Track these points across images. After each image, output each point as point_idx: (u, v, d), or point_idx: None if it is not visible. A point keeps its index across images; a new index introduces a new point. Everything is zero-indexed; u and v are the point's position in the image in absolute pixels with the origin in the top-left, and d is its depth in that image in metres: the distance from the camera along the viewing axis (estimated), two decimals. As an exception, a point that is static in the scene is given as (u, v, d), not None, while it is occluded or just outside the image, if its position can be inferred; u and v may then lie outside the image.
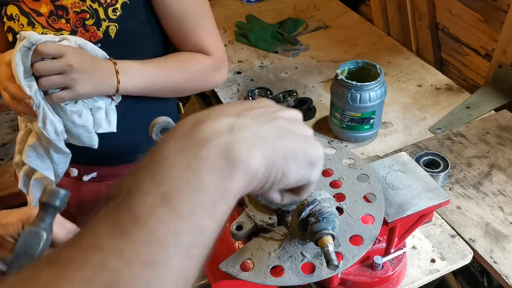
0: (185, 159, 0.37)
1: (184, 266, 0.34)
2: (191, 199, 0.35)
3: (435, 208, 0.70)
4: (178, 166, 0.37)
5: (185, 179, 0.36)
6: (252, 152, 0.40)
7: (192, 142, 0.39)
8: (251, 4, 1.90)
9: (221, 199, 0.37)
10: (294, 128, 0.46)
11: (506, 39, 1.22)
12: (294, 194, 0.52)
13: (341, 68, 1.13)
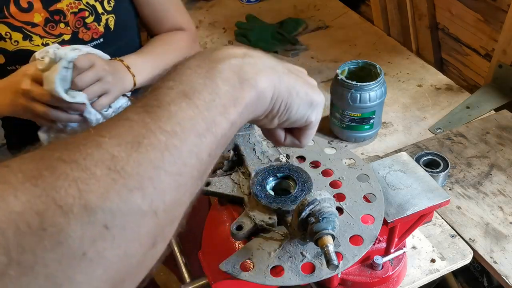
0: (204, 70, 0.43)
1: (197, 144, 0.39)
2: (206, 98, 0.41)
3: (435, 208, 0.70)
4: (198, 74, 0.43)
5: (202, 83, 0.42)
6: (260, 76, 0.45)
7: (210, 59, 0.45)
8: (251, 4, 1.90)
9: (232, 104, 0.42)
10: (301, 74, 0.53)
11: (506, 39, 1.22)
12: (296, 138, 0.57)
13: (341, 68, 1.13)
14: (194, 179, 0.39)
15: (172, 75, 0.43)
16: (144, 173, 0.35)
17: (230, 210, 0.73)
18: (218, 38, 1.68)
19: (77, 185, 0.31)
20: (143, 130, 0.36)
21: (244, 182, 0.71)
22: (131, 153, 0.35)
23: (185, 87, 0.41)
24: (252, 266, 0.60)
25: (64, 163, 0.32)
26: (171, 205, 0.37)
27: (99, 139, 0.35)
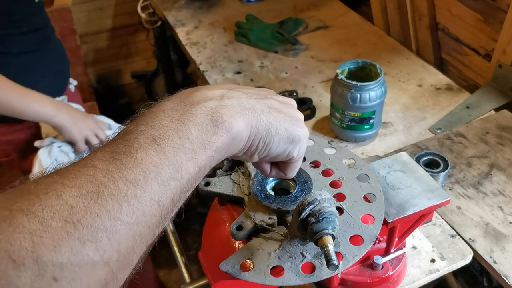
0: (177, 114, 0.44)
1: (160, 192, 0.40)
2: (176, 143, 0.42)
3: (435, 208, 0.70)
4: (171, 118, 0.43)
5: (174, 128, 0.43)
6: (236, 118, 0.46)
7: (186, 102, 0.46)
8: (251, 4, 1.90)
9: (202, 149, 0.43)
10: (283, 108, 0.52)
11: (506, 39, 1.22)
12: (281, 170, 0.59)
13: (341, 68, 1.13)
14: (153, 226, 0.40)
15: (146, 118, 0.44)
16: (100, 225, 0.36)
17: (230, 210, 0.73)
18: (218, 38, 1.68)
19: (31, 238, 0.33)
20: (106, 179, 0.38)
21: (244, 182, 0.71)
22: (89, 204, 0.36)
23: (155, 132, 0.42)
24: (252, 266, 0.60)
25: (22, 214, 0.34)
26: (125, 254, 0.38)
27: (60, 189, 0.36)
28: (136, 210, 0.38)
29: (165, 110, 0.44)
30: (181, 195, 0.42)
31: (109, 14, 2.35)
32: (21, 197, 0.35)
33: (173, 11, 1.90)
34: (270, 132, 0.49)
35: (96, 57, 2.45)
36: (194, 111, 0.44)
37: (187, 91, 0.49)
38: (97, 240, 0.35)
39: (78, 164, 0.39)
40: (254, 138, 0.48)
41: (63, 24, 1.97)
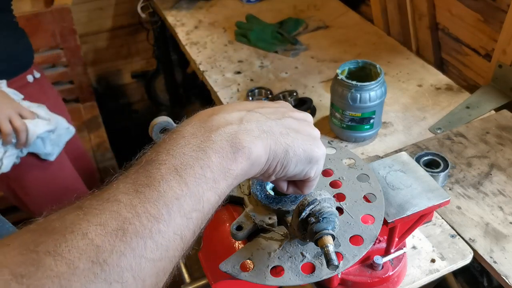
0: (198, 141, 0.44)
1: (182, 225, 0.40)
2: (197, 173, 0.42)
3: (435, 208, 0.70)
4: (191, 145, 0.43)
5: (195, 156, 0.43)
6: (256, 143, 0.46)
7: (205, 128, 0.45)
8: (251, 4, 1.90)
9: (223, 177, 0.43)
10: (301, 127, 0.52)
11: (506, 39, 1.22)
12: (298, 188, 0.59)
13: (341, 68, 1.13)
14: (175, 260, 0.41)
15: (166, 145, 0.44)
16: (125, 264, 0.36)
17: (230, 210, 0.73)
18: (218, 38, 1.68)
19: (60, 282, 0.33)
20: (130, 214, 0.38)
21: (244, 182, 0.71)
22: (115, 242, 0.36)
23: (176, 161, 0.42)
24: (252, 266, 0.59)
25: (49, 256, 0.34)
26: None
27: (85, 227, 0.36)
28: (160, 247, 0.38)
29: (185, 136, 0.44)
30: (202, 225, 0.43)
31: (109, 14, 2.35)
32: (46, 236, 0.35)
33: (173, 11, 1.90)
34: (288, 154, 0.49)
35: (96, 57, 2.44)
36: (214, 137, 0.44)
37: (205, 113, 0.48)
38: (123, 280, 0.35)
39: (102, 198, 0.39)
40: (272, 161, 0.48)
41: (63, 24, 1.97)
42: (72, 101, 2.21)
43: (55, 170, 1.43)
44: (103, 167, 1.98)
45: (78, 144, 1.69)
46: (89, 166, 1.81)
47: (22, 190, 1.39)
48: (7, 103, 1.21)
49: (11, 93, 1.27)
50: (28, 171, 1.34)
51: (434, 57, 1.52)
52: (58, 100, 1.62)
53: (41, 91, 1.49)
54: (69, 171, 1.52)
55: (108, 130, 2.14)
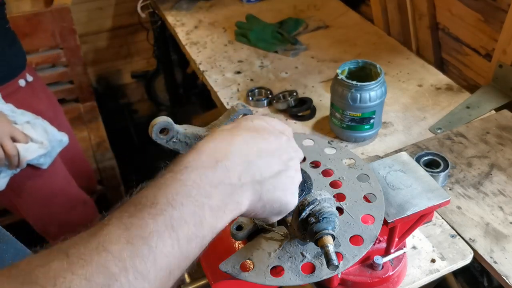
0: (198, 193, 0.45)
1: (165, 279, 0.41)
2: (191, 231, 0.43)
3: (435, 208, 0.70)
4: (191, 198, 0.44)
5: (192, 211, 0.44)
6: (246, 202, 0.49)
7: (207, 180, 0.46)
8: (251, 4, 1.90)
9: (211, 233, 0.46)
10: (286, 185, 0.54)
11: (506, 39, 1.22)
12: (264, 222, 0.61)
13: (341, 68, 1.13)
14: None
15: (168, 189, 0.44)
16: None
17: (230, 210, 0.73)
18: (218, 38, 1.68)
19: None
20: (117, 269, 0.37)
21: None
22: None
23: (175, 214, 0.42)
24: (252, 266, 0.59)
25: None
26: None
27: (69, 279, 0.35)
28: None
29: (187, 185, 0.45)
30: (180, 275, 0.44)
31: (109, 14, 2.35)
32: (26, 284, 0.35)
33: (173, 11, 1.90)
34: (265, 209, 0.53)
35: (96, 57, 2.44)
36: (215, 193, 0.46)
37: (210, 155, 0.49)
38: None
39: (90, 246, 0.38)
40: (250, 212, 0.52)
41: (63, 24, 1.97)
42: (72, 101, 2.21)
43: (48, 176, 1.42)
44: (103, 167, 1.98)
45: (75, 145, 1.69)
46: (86, 167, 1.81)
47: (14, 193, 1.39)
48: (0, 125, 1.19)
49: (6, 110, 1.25)
50: (20, 177, 1.34)
51: (434, 57, 1.52)
52: (53, 101, 1.60)
53: (34, 94, 1.48)
54: (62, 175, 1.51)
55: (108, 130, 2.14)
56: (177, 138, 0.63)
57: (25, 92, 1.43)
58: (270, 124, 0.56)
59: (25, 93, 1.43)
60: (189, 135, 0.64)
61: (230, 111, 0.66)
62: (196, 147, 0.50)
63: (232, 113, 0.65)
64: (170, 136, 0.62)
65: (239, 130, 0.53)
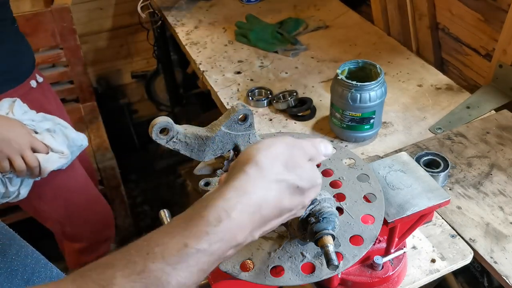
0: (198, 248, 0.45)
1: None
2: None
3: (435, 208, 0.70)
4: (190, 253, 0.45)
5: (196, 272, 0.45)
6: (241, 239, 0.48)
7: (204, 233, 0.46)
8: (251, 4, 1.90)
9: (203, 276, 0.47)
10: (276, 219, 0.52)
11: (506, 39, 1.22)
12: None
13: (341, 68, 1.13)
14: None
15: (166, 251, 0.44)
16: None
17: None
18: (218, 38, 1.68)
19: None
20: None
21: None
22: None
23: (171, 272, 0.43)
24: (252, 266, 0.59)
25: None
26: None
27: None
28: None
29: (185, 243, 0.45)
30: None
31: (109, 14, 2.35)
32: None
33: (173, 11, 1.90)
34: (254, 237, 0.52)
35: (96, 57, 2.44)
36: (212, 246, 0.46)
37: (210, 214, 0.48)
38: None
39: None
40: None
41: (63, 24, 1.97)
42: (72, 101, 2.21)
43: (67, 176, 1.41)
44: (103, 167, 1.97)
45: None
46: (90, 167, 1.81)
47: (35, 196, 1.38)
48: (20, 136, 1.16)
49: (26, 120, 1.22)
50: (40, 180, 1.33)
51: (434, 57, 1.52)
52: (58, 101, 1.60)
53: (44, 95, 1.47)
54: (80, 174, 1.50)
55: (108, 130, 2.14)
56: (177, 138, 0.63)
57: (36, 93, 1.42)
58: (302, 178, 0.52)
59: (37, 94, 1.42)
60: (189, 135, 0.64)
61: (230, 111, 0.66)
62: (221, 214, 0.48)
63: (232, 113, 0.65)
64: (170, 136, 0.62)
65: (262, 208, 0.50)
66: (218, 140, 0.66)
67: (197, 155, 0.66)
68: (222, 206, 0.46)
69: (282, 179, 0.50)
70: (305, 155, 0.53)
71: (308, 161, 0.54)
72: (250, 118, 0.67)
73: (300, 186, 0.51)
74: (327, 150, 0.57)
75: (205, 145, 0.66)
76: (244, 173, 0.49)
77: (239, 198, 0.47)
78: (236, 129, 0.67)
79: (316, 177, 0.54)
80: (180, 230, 0.45)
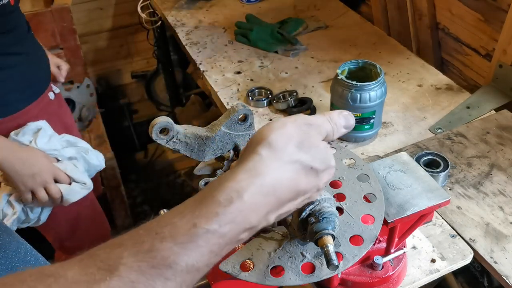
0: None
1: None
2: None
3: (435, 208, 0.70)
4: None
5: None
6: (255, 222, 0.47)
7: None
8: (251, 4, 1.90)
9: (214, 259, 0.45)
10: (291, 202, 0.50)
11: (506, 39, 1.22)
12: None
13: (341, 68, 1.13)
14: None
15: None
16: None
17: (230, 210, 0.73)
18: (218, 38, 1.68)
19: None
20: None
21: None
22: None
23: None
24: (252, 266, 0.59)
25: None
26: None
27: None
28: None
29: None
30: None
31: (109, 14, 2.35)
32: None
33: (173, 11, 1.90)
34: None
35: (96, 57, 2.44)
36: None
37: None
38: None
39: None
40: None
41: (63, 24, 1.97)
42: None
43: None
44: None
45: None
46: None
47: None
48: (44, 169, 1.15)
49: (50, 150, 1.19)
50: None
51: (434, 57, 1.52)
52: (69, 111, 1.57)
53: (60, 106, 1.43)
54: (90, 194, 1.49)
55: (108, 130, 2.14)
56: (177, 138, 0.63)
57: (54, 106, 1.38)
58: (315, 160, 0.50)
59: (54, 106, 1.38)
60: (189, 135, 0.64)
61: (230, 111, 0.66)
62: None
63: (232, 113, 0.65)
64: (170, 136, 0.62)
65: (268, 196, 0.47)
66: (218, 140, 0.66)
67: (197, 155, 0.66)
68: (234, 187, 0.45)
69: (297, 159, 0.48)
70: (320, 134, 0.52)
71: (323, 141, 0.52)
72: (250, 118, 0.67)
73: (314, 167, 0.49)
74: (349, 121, 0.55)
75: (205, 145, 0.66)
76: (257, 154, 0.47)
77: (251, 179, 0.45)
78: (236, 129, 0.67)
79: (330, 159, 0.52)
80: (190, 211, 0.43)
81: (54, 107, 1.37)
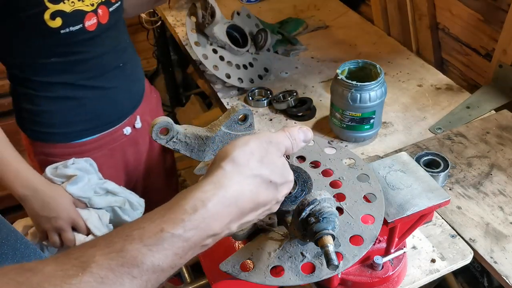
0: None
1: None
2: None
3: (435, 208, 0.70)
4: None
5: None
6: (218, 230, 0.51)
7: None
8: (251, 4, 1.90)
9: (178, 261, 0.49)
10: (252, 212, 0.54)
11: (506, 39, 1.22)
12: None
13: (341, 68, 1.13)
14: None
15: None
16: None
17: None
18: (218, 38, 1.68)
19: None
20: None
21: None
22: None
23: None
24: (252, 266, 0.59)
25: None
26: None
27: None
28: None
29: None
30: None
31: (109, 14, 2.35)
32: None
33: (173, 11, 1.90)
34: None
35: (96, 57, 2.44)
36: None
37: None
38: None
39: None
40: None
41: (63, 24, 1.96)
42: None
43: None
44: (103, 167, 1.98)
45: None
46: None
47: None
48: (64, 214, 1.07)
49: (84, 196, 1.10)
50: None
51: (434, 57, 1.52)
52: (150, 145, 1.37)
53: (134, 141, 1.26)
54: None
55: (108, 130, 2.14)
56: (177, 138, 0.63)
57: (126, 141, 1.24)
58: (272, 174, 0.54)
59: (126, 141, 1.24)
60: (189, 135, 0.64)
61: (230, 111, 0.66)
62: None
63: (232, 113, 0.65)
64: (170, 136, 0.62)
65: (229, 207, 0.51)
66: (218, 140, 0.66)
67: (197, 155, 0.66)
68: (199, 197, 0.49)
69: (257, 174, 0.53)
70: (279, 151, 0.56)
71: (281, 157, 0.57)
72: (250, 118, 0.67)
73: (274, 181, 0.54)
74: (307, 136, 0.60)
75: (205, 145, 0.66)
76: (221, 169, 0.52)
77: (215, 190, 0.50)
78: (236, 129, 0.67)
79: (288, 174, 0.57)
80: (159, 217, 0.47)
81: (125, 143, 1.25)
